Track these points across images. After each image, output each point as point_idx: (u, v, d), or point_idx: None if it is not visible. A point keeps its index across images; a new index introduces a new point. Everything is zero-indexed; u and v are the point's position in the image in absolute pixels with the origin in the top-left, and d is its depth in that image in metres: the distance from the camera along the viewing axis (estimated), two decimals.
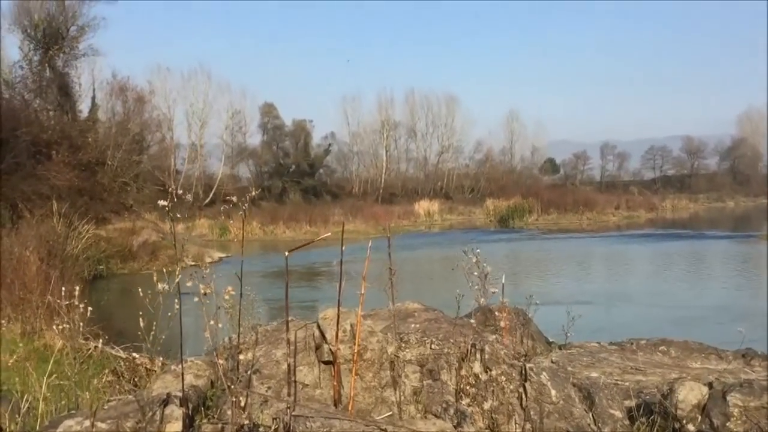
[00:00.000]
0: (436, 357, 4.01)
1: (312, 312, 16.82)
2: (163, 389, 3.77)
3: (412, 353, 4.14)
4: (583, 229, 50.25)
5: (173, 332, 4.35)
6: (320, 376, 3.65)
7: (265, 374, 3.67)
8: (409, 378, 3.94)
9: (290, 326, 3.58)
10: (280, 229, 51.50)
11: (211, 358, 3.96)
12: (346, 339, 3.71)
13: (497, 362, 3.92)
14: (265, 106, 74.74)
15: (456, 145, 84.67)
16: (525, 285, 22.28)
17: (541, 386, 3.73)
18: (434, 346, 4.18)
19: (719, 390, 3.69)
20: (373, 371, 3.73)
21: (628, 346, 5.85)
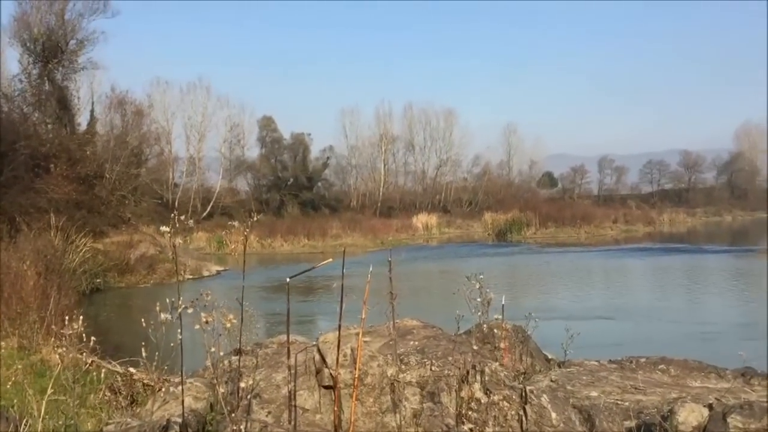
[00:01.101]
0: (437, 379, 4.00)
1: (311, 326, 16.78)
2: (162, 412, 3.75)
3: (413, 375, 4.12)
4: (581, 242, 50.27)
5: (171, 346, 4.33)
6: (321, 400, 3.64)
7: (265, 399, 3.65)
8: (409, 400, 3.92)
9: (291, 349, 3.57)
10: (278, 242, 51.47)
11: (210, 380, 3.94)
12: (346, 363, 3.70)
13: (497, 384, 3.91)
14: (264, 120, 74.93)
15: (454, 158, 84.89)
16: (523, 299, 22.25)
17: (541, 409, 3.72)
18: (434, 368, 4.17)
19: (719, 411, 3.69)
20: (373, 396, 3.72)
21: (628, 364, 5.84)
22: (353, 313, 5.50)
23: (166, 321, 3.52)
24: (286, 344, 3.85)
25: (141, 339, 5.09)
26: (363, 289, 4.73)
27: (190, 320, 4.10)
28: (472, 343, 6.73)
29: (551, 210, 62.73)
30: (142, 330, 4.81)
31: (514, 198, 74.14)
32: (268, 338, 7.66)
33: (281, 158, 75.57)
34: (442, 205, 78.82)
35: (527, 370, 6.37)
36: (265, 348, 5.11)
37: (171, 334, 4.02)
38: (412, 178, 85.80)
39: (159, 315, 3.55)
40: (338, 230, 55.66)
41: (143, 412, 4.16)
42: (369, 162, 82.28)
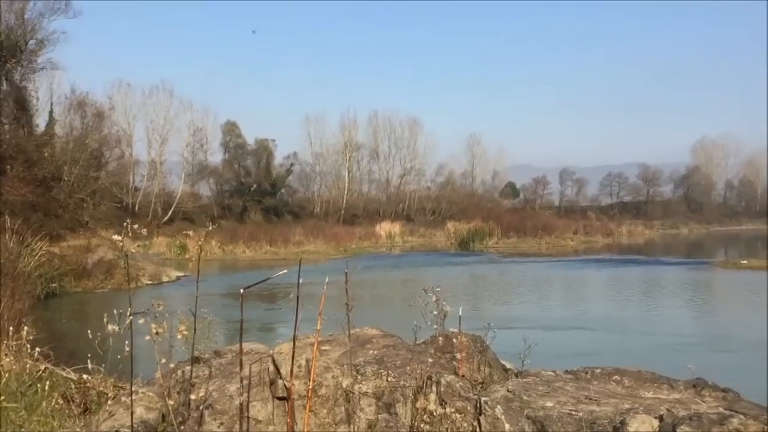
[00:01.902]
0: (393, 390, 4.00)
1: (272, 335, 16.63)
2: (112, 422, 3.68)
3: (369, 386, 4.12)
4: (542, 253, 50.86)
5: (128, 353, 4.26)
6: (274, 412, 3.60)
7: (217, 409, 3.61)
8: (364, 411, 3.92)
9: (245, 359, 3.53)
10: (240, 248, 51.02)
11: (163, 390, 3.87)
12: (301, 374, 3.68)
13: (453, 395, 3.93)
14: (228, 125, 74.38)
15: (418, 167, 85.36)
16: (485, 309, 22.42)
17: (495, 420, 3.75)
18: (390, 379, 4.17)
19: (669, 423, 3.76)
20: (327, 407, 3.70)
21: (583, 374, 5.91)
22: (315, 323, 5.47)
23: (113, 332, 3.46)
24: (245, 353, 3.81)
25: (97, 345, 4.99)
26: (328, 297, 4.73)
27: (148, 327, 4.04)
28: (431, 353, 6.76)
29: (513, 220, 63.44)
30: (99, 336, 4.72)
31: (477, 208, 74.78)
32: (228, 346, 7.58)
33: (245, 164, 75.06)
34: (406, 214, 79.09)
35: (485, 380, 6.40)
36: (221, 357, 5.05)
37: (127, 341, 3.95)
38: (376, 186, 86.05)
39: (106, 326, 3.49)
40: (301, 237, 55.46)
41: (92, 422, 4.07)
42: (333, 169, 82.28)
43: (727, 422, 3.57)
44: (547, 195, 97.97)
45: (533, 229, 60.76)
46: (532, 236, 59.69)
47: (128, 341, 3.88)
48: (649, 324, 18.19)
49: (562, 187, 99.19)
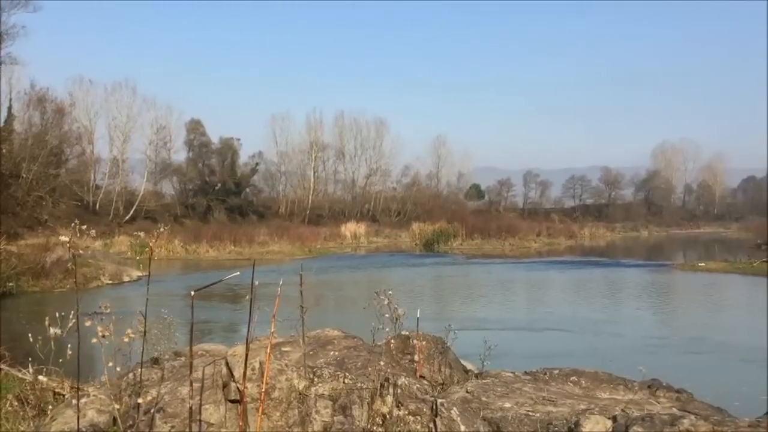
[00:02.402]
0: (349, 392, 3.99)
1: (236, 335, 16.47)
2: (62, 425, 3.61)
3: (325, 388, 4.10)
4: (505, 254, 51.27)
5: (84, 352, 4.19)
6: (226, 415, 3.57)
7: (169, 413, 3.56)
8: (320, 413, 3.90)
9: (199, 362, 3.49)
10: (204, 248, 50.46)
11: (114, 393, 3.81)
12: (254, 377, 3.64)
13: (410, 397, 3.94)
14: (192, 123, 73.56)
15: (384, 168, 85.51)
16: (449, 310, 22.52)
17: (451, 422, 3.76)
18: (347, 381, 4.17)
19: (622, 424, 3.82)
20: (281, 410, 3.68)
21: (541, 376, 5.98)
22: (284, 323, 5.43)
23: (55, 335, 3.39)
24: (200, 355, 3.76)
25: (55, 346, 4.89)
26: (288, 298, 4.70)
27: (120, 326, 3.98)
28: (393, 354, 6.77)
29: (478, 222, 63.86)
30: (56, 336, 4.63)
31: (441, 209, 75.10)
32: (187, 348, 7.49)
33: (209, 162, 74.34)
34: (371, 215, 79.15)
35: (445, 381, 6.44)
36: (174, 360, 4.98)
37: (87, 340, 3.88)
38: (341, 186, 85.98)
39: (48, 329, 3.43)
40: (266, 237, 55.08)
41: (42, 425, 3.99)
42: (299, 169, 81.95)
43: (678, 423, 3.64)
44: (512, 197, 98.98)
45: (497, 231, 61.26)
46: (496, 238, 60.17)
47: (93, 341, 3.81)
48: (609, 325, 18.45)
49: (526, 189, 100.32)
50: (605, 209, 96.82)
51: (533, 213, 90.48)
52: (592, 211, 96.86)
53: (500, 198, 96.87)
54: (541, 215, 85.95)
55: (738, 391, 10.49)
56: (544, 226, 68.73)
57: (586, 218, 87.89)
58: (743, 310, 21.78)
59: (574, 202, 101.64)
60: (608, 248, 59.54)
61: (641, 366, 6.05)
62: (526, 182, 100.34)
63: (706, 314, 20.82)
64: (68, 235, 3.20)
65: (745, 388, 10.72)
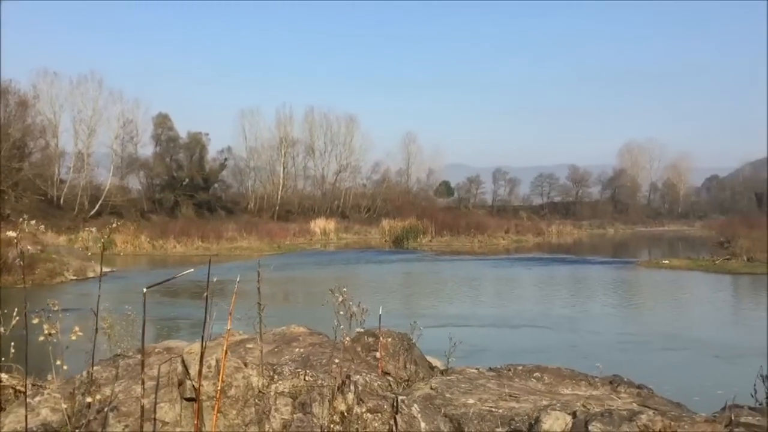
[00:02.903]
0: (310, 389, 3.97)
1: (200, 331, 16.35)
2: (15, 425, 3.53)
3: (285, 385, 4.07)
4: (474, 251, 51.59)
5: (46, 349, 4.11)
6: (182, 413, 3.52)
7: (123, 411, 3.50)
8: (280, 411, 3.87)
9: (155, 360, 3.44)
10: (171, 244, 49.93)
11: (69, 390, 3.73)
12: (210, 375, 3.60)
13: (371, 394, 3.93)
14: (159, 117, 72.67)
15: (354, 164, 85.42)
16: (416, 306, 22.58)
17: (411, 419, 3.77)
18: (308, 378, 4.15)
19: (582, 419, 3.85)
20: (237, 408, 3.64)
21: (505, 372, 6.02)
22: (241, 321, 5.39)
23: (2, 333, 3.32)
24: (158, 353, 3.71)
25: (15, 342, 4.78)
26: (256, 293, 4.66)
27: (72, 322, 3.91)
28: (358, 351, 6.76)
29: (447, 219, 64.13)
30: (17, 333, 4.53)
31: (411, 206, 75.26)
32: (154, 344, 7.40)
33: (177, 157, 73.54)
34: (341, 211, 79.04)
35: (411, 377, 6.44)
36: (131, 357, 4.90)
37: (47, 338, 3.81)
38: (311, 182, 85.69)
39: None
40: (234, 233, 54.69)
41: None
42: (268, 165, 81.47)
43: (636, 418, 3.69)
44: (481, 194, 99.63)
45: (466, 228, 61.59)
46: (465, 235, 60.50)
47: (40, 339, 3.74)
48: (578, 322, 18.66)
49: (496, 186, 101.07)
50: (573, 207, 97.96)
51: (502, 210, 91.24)
52: (559, 208, 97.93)
53: (469, 195, 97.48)
54: (510, 213, 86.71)
55: (701, 386, 10.69)
56: (512, 223, 69.29)
57: (553, 216, 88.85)
58: (706, 307, 22.19)
59: (543, 199, 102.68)
60: (575, 245, 60.25)
61: (608, 362, 6.13)
62: (495, 180, 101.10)
63: (671, 311, 21.17)
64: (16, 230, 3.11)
65: (709, 383, 10.93)
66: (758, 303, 22.76)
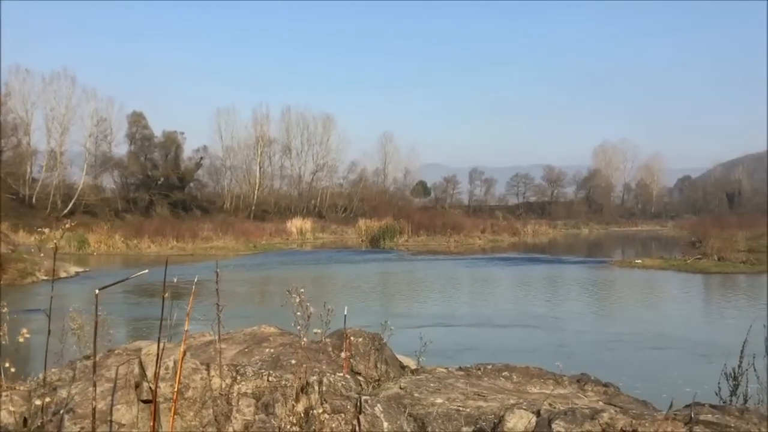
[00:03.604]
0: (273, 390, 3.96)
1: (175, 332, 16.21)
2: None
3: (249, 386, 4.06)
4: (450, 251, 51.77)
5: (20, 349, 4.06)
6: (139, 415, 3.50)
7: (79, 413, 3.46)
8: (242, 412, 3.86)
9: (113, 361, 3.41)
10: (145, 243, 49.49)
11: (29, 390, 3.69)
12: (168, 377, 3.58)
13: (335, 394, 3.94)
14: (134, 115, 72.02)
15: (331, 164, 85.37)
16: (392, 306, 22.62)
17: (374, 418, 3.78)
18: (272, 378, 4.14)
19: (545, 418, 3.90)
20: (194, 410, 3.63)
21: (475, 371, 6.05)
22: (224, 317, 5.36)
23: None
24: (117, 354, 3.67)
25: None
26: (232, 293, 4.66)
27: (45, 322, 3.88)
28: (329, 351, 6.76)
29: (423, 218, 64.30)
30: None
31: (388, 205, 75.38)
32: (124, 345, 7.34)
33: (151, 156, 72.91)
34: (317, 211, 78.92)
35: (381, 377, 6.46)
36: (84, 361, 4.86)
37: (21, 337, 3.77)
38: (287, 182, 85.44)
39: None
40: (209, 232, 54.37)
41: None
42: (244, 164, 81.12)
43: (598, 416, 3.74)
44: (457, 194, 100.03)
45: (443, 228, 61.79)
46: (441, 234, 60.68)
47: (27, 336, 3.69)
48: (548, 321, 18.80)
49: (472, 186, 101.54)
50: (548, 207, 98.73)
51: (478, 210, 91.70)
52: (535, 208, 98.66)
53: (446, 195, 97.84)
54: (486, 212, 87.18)
55: (671, 384, 10.84)
56: (488, 223, 69.66)
57: (529, 215, 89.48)
58: (679, 306, 22.48)
59: (518, 199, 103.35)
60: (550, 245, 60.72)
61: (580, 360, 6.19)
62: (471, 180, 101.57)
63: (644, 310, 21.42)
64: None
65: (680, 381, 11.08)
66: (729, 301, 23.13)
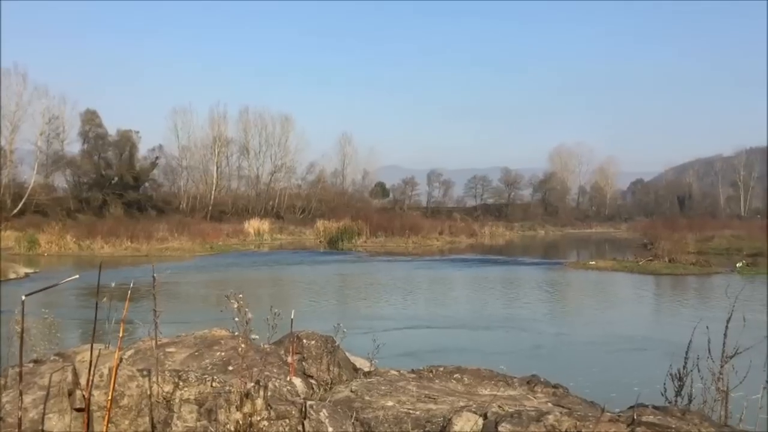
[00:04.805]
0: (216, 395, 3.91)
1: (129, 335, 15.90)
2: None
3: (192, 392, 4.00)
4: (408, 252, 51.94)
5: None
6: (71, 424, 3.41)
7: (9, 423, 3.36)
8: (184, 419, 3.80)
9: (47, 368, 3.32)
10: (98, 244, 48.48)
11: None
12: (102, 384, 3.50)
13: (280, 399, 3.90)
14: (87, 113, 70.58)
15: (289, 165, 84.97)
16: (349, 307, 22.60)
17: (319, 424, 3.76)
18: (215, 384, 4.08)
19: (492, 420, 3.93)
20: (130, 418, 3.56)
21: (426, 373, 6.06)
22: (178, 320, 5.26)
23: None
24: (52, 361, 3.57)
25: None
26: (187, 295, 4.57)
27: None
28: (281, 355, 6.70)
29: (382, 220, 64.39)
30: None
31: (346, 207, 75.31)
32: (73, 348, 7.17)
33: (105, 155, 71.57)
34: (275, 212, 78.40)
35: (334, 380, 6.43)
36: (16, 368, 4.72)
37: None
38: (245, 182, 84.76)
39: None
40: (165, 233, 53.53)
41: None
42: (201, 164, 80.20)
43: (543, 418, 3.78)
44: (416, 196, 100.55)
45: (401, 229, 61.96)
46: (399, 236, 60.83)
47: None
48: (505, 321, 18.98)
49: (430, 188, 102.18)
50: (505, 209, 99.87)
51: (436, 212, 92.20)
52: (492, 210, 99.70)
53: (404, 197, 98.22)
54: (444, 214, 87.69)
55: (621, 383, 11.05)
56: (446, 224, 70.08)
57: (486, 217, 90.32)
58: (630, 307, 22.92)
59: (476, 201, 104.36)
60: (507, 247, 61.37)
61: (536, 361, 6.26)
62: (429, 181, 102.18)
63: (597, 311, 21.78)
64: None
65: (630, 381, 11.28)
66: (681, 302, 23.68)
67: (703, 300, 23.57)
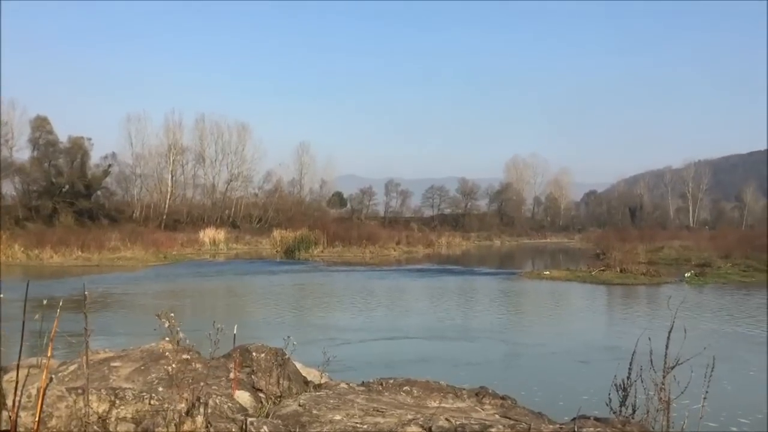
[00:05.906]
0: (155, 414, 3.85)
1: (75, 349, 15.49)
2: None
3: (128, 410, 3.93)
4: (366, 262, 51.90)
5: None
6: None
7: None
8: None
9: None
10: (48, 253, 47.32)
11: None
12: (30, 405, 3.41)
13: (221, 417, 3.86)
14: (37, 120, 68.98)
15: (246, 173, 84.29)
16: (304, 318, 22.42)
17: None
18: (153, 402, 4.02)
19: None
20: None
21: (375, 386, 6.06)
22: (115, 335, 5.16)
23: None
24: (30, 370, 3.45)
25: None
26: (139, 306, 4.47)
27: None
28: (230, 368, 6.62)
29: (339, 229, 64.31)
30: None
31: (304, 216, 75.02)
32: (16, 362, 6.96)
33: (56, 162, 69.99)
34: (231, 221, 77.62)
35: (283, 393, 6.38)
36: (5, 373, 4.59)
37: None
38: (201, 191, 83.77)
39: None
40: (117, 242, 52.54)
41: None
42: (155, 172, 79.00)
43: (487, 431, 3.81)
44: (373, 205, 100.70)
45: (358, 239, 61.96)
46: (357, 245, 60.81)
47: None
48: (460, 332, 19.08)
49: (388, 198, 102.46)
50: (462, 219, 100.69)
51: (394, 221, 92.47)
52: (449, 220, 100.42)
53: (362, 206, 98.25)
54: (401, 224, 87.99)
55: (570, 393, 11.19)
56: (403, 234, 70.32)
57: (443, 227, 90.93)
58: (582, 316, 23.27)
59: (433, 211, 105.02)
60: (463, 256, 61.82)
61: (487, 372, 6.30)
62: (387, 191, 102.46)
63: (549, 320, 22.05)
64: None
65: (578, 390, 11.43)
66: (631, 312, 24.12)
67: (652, 309, 24.06)
